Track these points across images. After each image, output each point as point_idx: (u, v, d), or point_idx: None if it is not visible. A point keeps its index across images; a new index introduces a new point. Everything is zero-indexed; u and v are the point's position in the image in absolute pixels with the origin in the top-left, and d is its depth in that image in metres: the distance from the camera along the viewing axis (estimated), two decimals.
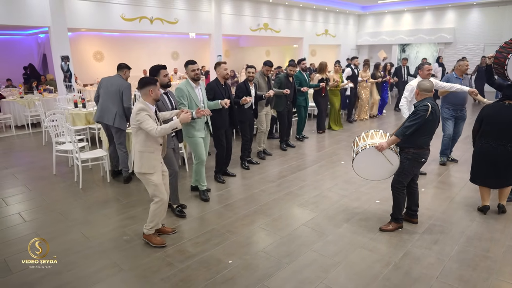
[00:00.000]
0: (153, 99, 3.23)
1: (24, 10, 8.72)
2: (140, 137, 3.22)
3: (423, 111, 3.37)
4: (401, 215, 3.71)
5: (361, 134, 3.84)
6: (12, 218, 4.10)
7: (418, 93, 3.57)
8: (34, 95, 9.24)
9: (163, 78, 3.71)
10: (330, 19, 17.48)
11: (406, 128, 3.42)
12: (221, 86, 4.70)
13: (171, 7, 11.52)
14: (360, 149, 3.66)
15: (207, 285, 2.87)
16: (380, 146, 3.50)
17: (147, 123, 3.07)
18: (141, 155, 3.23)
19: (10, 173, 5.60)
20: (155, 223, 3.41)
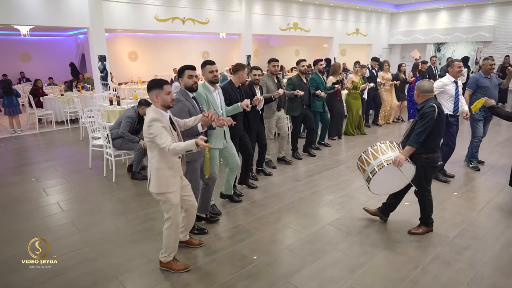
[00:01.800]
0: (162, 106, 2.75)
1: (66, 12, 9.23)
2: (155, 152, 2.76)
3: (431, 113, 3.21)
4: (430, 219, 3.59)
5: (367, 150, 3.48)
6: (51, 208, 4.37)
7: (418, 95, 3.39)
8: (73, 93, 9.75)
9: (186, 79, 3.24)
10: (361, 18, 17.17)
11: (419, 135, 3.23)
12: (235, 90, 4.30)
13: (202, 8, 11.76)
14: (376, 169, 3.34)
15: (232, 279, 2.93)
16: (398, 161, 3.24)
17: (160, 137, 2.61)
18: (158, 172, 2.78)
19: (50, 166, 5.95)
20: (171, 249, 2.99)
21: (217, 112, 3.61)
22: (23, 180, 5.29)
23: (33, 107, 8.68)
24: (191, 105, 3.24)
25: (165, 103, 2.74)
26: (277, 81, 5.35)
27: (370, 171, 3.39)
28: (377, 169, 3.32)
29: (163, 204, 2.88)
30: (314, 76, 6.51)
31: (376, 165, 3.34)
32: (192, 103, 3.28)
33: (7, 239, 3.61)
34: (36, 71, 13.88)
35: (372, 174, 3.36)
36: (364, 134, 7.84)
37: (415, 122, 3.33)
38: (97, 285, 2.88)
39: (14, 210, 4.26)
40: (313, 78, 6.46)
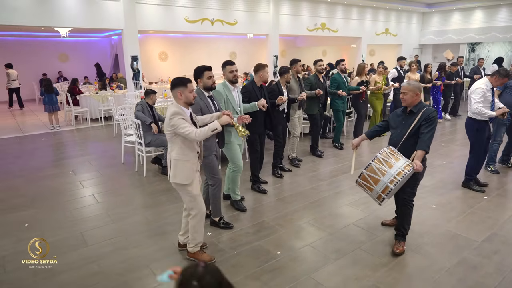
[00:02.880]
0: (185, 103, 2.88)
1: (102, 15, 9.68)
2: (175, 144, 2.90)
3: (436, 116, 3.14)
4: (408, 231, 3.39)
5: (369, 165, 3.05)
6: (87, 199, 4.64)
7: (413, 95, 3.18)
8: (107, 91, 10.19)
9: (206, 80, 3.38)
10: (391, 18, 16.81)
11: (430, 139, 3.08)
12: (257, 89, 4.40)
13: (231, 9, 11.95)
14: (390, 186, 2.94)
15: (256, 272, 3.03)
16: (419, 167, 2.99)
17: (183, 127, 2.75)
18: (176, 163, 2.92)
19: (86, 160, 6.30)
20: (198, 239, 3.12)
21: (235, 109, 3.89)
22: (61, 173, 5.64)
23: (70, 105, 9.17)
24: (204, 104, 3.37)
25: (187, 100, 2.87)
26: (299, 81, 5.52)
27: (381, 190, 3.00)
28: (392, 186, 2.93)
29: (185, 196, 3.02)
30: (336, 75, 6.53)
31: (389, 182, 2.95)
32: (207, 102, 3.42)
33: (50, 227, 3.89)
34: (73, 71, 14.59)
35: (386, 193, 2.98)
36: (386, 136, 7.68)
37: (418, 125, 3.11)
38: (130, 272, 3.06)
39: (54, 200, 4.57)
40: (335, 78, 6.50)
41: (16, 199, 4.58)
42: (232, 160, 4.04)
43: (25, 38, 13.81)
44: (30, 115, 10.94)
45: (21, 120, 10.17)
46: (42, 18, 8.99)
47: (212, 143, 3.48)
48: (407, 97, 3.19)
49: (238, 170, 4.08)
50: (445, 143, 7.17)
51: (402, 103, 3.25)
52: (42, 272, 3.08)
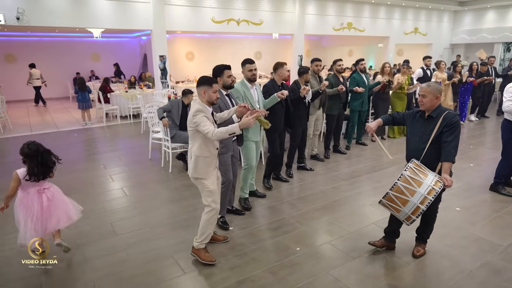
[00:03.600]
0: (207, 101, 2.98)
1: (132, 16, 10.05)
2: (196, 140, 3.00)
3: (459, 121, 2.87)
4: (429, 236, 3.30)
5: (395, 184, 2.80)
6: (116, 192, 4.88)
7: (437, 98, 2.91)
8: (136, 90, 10.57)
9: (226, 79, 3.45)
10: (421, 17, 16.38)
11: (455, 148, 2.83)
12: (278, 87, 4.41)
13: (256, 9, 12.07)
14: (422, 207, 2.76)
15: (275, 266, 3.12)
16: (450, 183, 2.80)
17: (204, 125, 2.85)
18: (197, 159, 3.02)
19: (116, 155, 6.60)
20: (206, 235, 3.16)
21: (254, 106, 3.87)
22: (93, 167, 5.95)
23: (102, 103, 9.59)
24: (222, 103, 3.42)
25: (210, 99, 2.98)
26: (318, 79, 5.54)
27: (411, 212, 2.80)
28: (423, 207, 2.75)
29: (202, 191, 3.10)
30: (355, 75, 6.44)
31: (419, 202, 2.74)
32: (225, 100, 3.47)
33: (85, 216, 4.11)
34: (104, 70, 15.19)
35: (417, 214, 2.79)
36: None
37: (440, 132, 2.86)
38: (155, 261, 3.23)
39: (85, 193, 4.84)
40: (354, 77, 6.41)
41: None
42: (245, 157, 4.12)
43: (61, 39, 14.52)
44: (64, 112, 11.51)
45: (56, 116, 10.72)
46: (77, 20, 9.45)
47: (229, 141, 3.52)
48: (427, 100, 2.93)
49: (249, 169, 4.12)
50: (474, 145, 6.97)
51: (420, 107, 3.00)
52: (75, 258, 3.30)
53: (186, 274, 3.04)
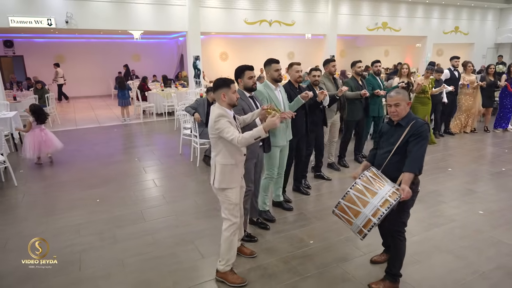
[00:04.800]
0: (228, 104, 2.76)
1: (170, 19, 10.58)
2: (221, 148, 2.77)
3: (427, 131, 2.58)
4: (400, 270, 2.80)
5: (347, 193, 2.56)
6: (148, 183, 5.27)
7: (408, 103, 2.67)
8: (171, 89, 11.09)
9: (247, 80, 3.24)
10: (462, 15, 15.70)
11: (420, 158, 2.53)
12: (295, 89, 4.15)
13: (288, 10, 12.21)
14: (374, 220, 2.45)
15: (288, 256, 3.29)
16: (407, 194, 2.46)
17: (227, 131, 2.61)
18: (223, 168, 2.77)
19: (150, 150, 7.04)
20: (231, 255, 2.87)
21: (279, 107, 3.56)
22: (129, 159, 6.41)
23: (140, 100, 10.19)
24: (246, 105, 3.25)
25: (231, 101, 2.77)
26: (334, 81, 5.20)
27: (363, 225, 2.51)
28: (375, 220, 2.45)
29: (222, 203, 2.85)
30: (370, 77, 6.03)
31: (371, 215, 2.46)
32: (248, 102, 3.29)
33: (116, 203, 4.53)
34: (144, 69, 15.99)
35: (368, 228, 2.49)
36: (434, 144, 7.05)
37: (406, 141, 2.59)
38: (178, 245, 3.51)
39: (121, 182, 5.26)
40: (369, 80, 5.98)
41: (92, 179, 5.36)
42: (267, 164, 3.85)
43: (105, 40, 15.49)
44: (106, 109, 12.32)
45: (98, 113, 11.51)
46: (119, 23, 10.12)
47: (256, 147, 3.29)
48: (401, 108, 2.63)
49: (271, 178, 3.89)
50: (509, 149, 6.70)
51: (393, 118, 2.69)
52: (108, 239, 3.66)
53: (204, 258, 3.29)
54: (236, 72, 3.33)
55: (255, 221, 3.85)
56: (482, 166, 5.85)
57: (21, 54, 14.79)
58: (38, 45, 14.66)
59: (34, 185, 5.19)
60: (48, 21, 9.16)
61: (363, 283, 2.91)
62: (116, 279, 3.01)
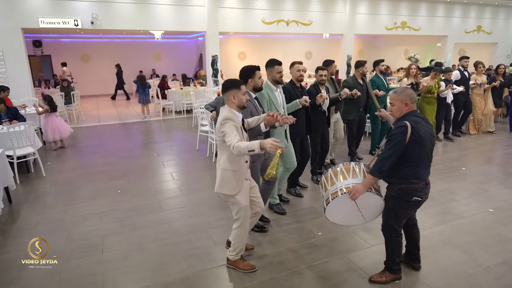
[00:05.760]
0: (237, 106, 2.75)
1: (189, 19, 10.88)
2: (224, 151, 2.76)
3: (399, 134, 2.48)
4: (396, 265, 2.87)
5: (328, 171, 2.87)
6: (166, 176, 5.52)
7: (407, 104, 2.57)
8: (190, 87, 11.39)
9: (257, 80, 3.27)
10: (485, 14, 15.34)
11: (382, 162, 2.51)
12: (296, 89, 4.20)
13: (306, 10, 12.30)
14: (330, 197, 2.72)
15: (296, 246, 3.44)
16: (355, 193, 2.58)
17: (229, 135, 2.59)
18: (223, 173, 2.77)
19: (168, 145, 7.32)
20: (239, 249, 3.03)
21: (279, 110, 3.70)
22: (148, 154, 6.70)
23: (159, 98, 10.53)
24: (253, 106, 3.23)
25: (241, 103, 2.75)
26: (332, 82, 5.26)
27: (326, 199, 2.80)
28: (331, 198, 2.71)
29: (232, 205, 2.88)
30: (375, 77, 6.08)
31: (331, 193, 2.73)
32: (254, 103, 3.29)
33: (136, 193, 4.80)
34: (164, 68, 16.42)
35: (327, 203, 2.76)
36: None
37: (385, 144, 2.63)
38: (192, 233, 3.73)
39: (140, 175, 5.53)
40: (373, 80, 6.04)
41: (113, 172, 5.66)
42: None
43: (127, 40, 16.00)
44: (127, 106, 12.76)
45: (120, 110, 11.94)
46: (141, 23, 10.49)
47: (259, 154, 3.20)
48: (395, 108, 2.61)
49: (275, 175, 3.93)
50: None
51: (393, 118, 2.72)
52: (128, 226, 3.91)
53: (216, 246, 3.48)
54: (245, 72, 3.29)
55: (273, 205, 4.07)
56: (497, 166, 5.82)
57: (49, 54, 15.48)
58: (64, 44, 15.31)
59: (61, 176, 5.54)
60: (75, 22, 9.62)
61: (367, 273, 3.03)
62: (135, 261, 3.25)
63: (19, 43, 9.23)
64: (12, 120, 5.91)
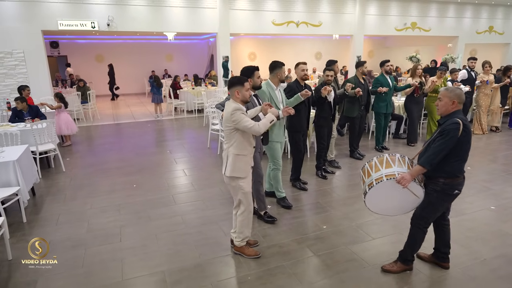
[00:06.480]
0: (241, 101, 3.04)
1: (201, 21, 11.15)
2: (235, 139, 3.04)
3: (453, 130, 2.62)
4: (412, 256, 3.05)
5: (372, 159, 2.99)
6: (178, 172, 5.77)
7: (454, 103, 2.70)
8: (201, 87, 11.66)
9: (256, 79, 3.56)
10: (497, 14, 15.25)
11: (434, 155, 2.66)
12: (301, 87, 4.48)
13: (316, 11, 12.46)
14: (374, 182, 2.84)
15: (301, 238, 3.64)
16: (403, 181, 2.70)
17: (245, 120, 2.91)
18: (236, 158, 3.04)
19: (180, 143, 7.59)
20: (244, 234, 3.28)
21: (278, 106, 3.99)
22: (161, 151, 6.97)
23: (172, 98, 10.82)
24: (250, 103, 3.49)
25: (244, 98, 3.05)
26: (335, 81, 5.52)
27: (368, 184, 2.90)
28: (375, 183, 2.83)
29: (235, 191, 3.14)
30: (379, 77, 6.31)
31: (375, 179, 2.85)
32: (252, 100, 3.57)
33: (151, 188, 5.06)
34: (176, 69, 16.76)
35: (370, 187, 2.87)
36: None
37: (433, 138, 2.76)
38: (204, 225, 3.95)
39: (154, 171, 5.80)
40: (378, 79, 6.28)
41: (129, 167, 5.94)
42: (272, 158, 4.22)
43: (141, 41, 16.39)
44: (140, 106, 13.10)
45: (134, 109, 12.29)
46: (155, 25, 10.81)
47: (258, 140, 3.63)
48: (441, 104, 2.76)
49: (278, 168, 4.26)
50: None
51: (437, 112, 2.87)
52: (144, 217, 4.16)
53: (226, 236, 3.70)
54: (245, 72, 3.58)
55: (262, 215, 4.00)
56: (503, 165, 5.90)
57: (65, 54, 15.96)
58: (80, 45, 15.77)
59: (80, 171, 5.84)
60: (91, 24, 9.98)
61: (368, 263, 3.21)
62: (151, 249, 3.49)
63: (39, 44, 9.63)
64: (34, 118, 6.25)
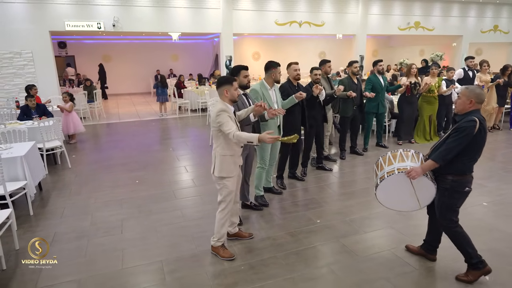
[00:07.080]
0: (230, 100, 3.09)
1: (205, 21, 11.33)
2: (221, 140, 3.10)
3: (470, 128, 2.63)
4: (474, 258, 2.91)
5: (386, 154, 3.04)
6: (180, 169, 5.94)
7: (471, 102, 2.70)
8: (205, 86, 11.83)
9: (242, 78, 3.58)
10: (502, 13, 15.18)
11: (447, 150, 2.68)
12: (293, 87, 4.57)
13: (319, 11, 12.56)
14: (386, 175, 2.91)
15: (295, 231, 3.77)
16: (413, 173, 2.75)
17: (226, 124, 2.94)
18: (223, 159, 3.11)
19: (183, 141, 7.76)
20: (222, 234, 3.29)
21: (272, 106, 4.00)
22: (164, 149, 7.15)
23: (176, 97, 11.00)
24: (240, 102, 3.54)
25: (232, 97, 3.09)
26: (328, 80, 5.69)
27: (380, 176, 2.96)
28: (386, 176, 2.89)
29: (220, 190, 3.21)
30: (371, 77, 6.30)
31: (387, 172, 2.92)
32: (242, 100, 3.62)
33: (154, 184, 5.23)
34: (181, 68, 16.97)
35: (381, 180, 2.93)
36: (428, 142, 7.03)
37: (448, 135, 2.79)
38: (202, 219, 4.11)
39: (157, 167, 5.97)
40: (370, 79, 6.28)
41: (133, 164, 6.12)
42: (261, 157, 4.30)
43: (146, 41, 16.63)
44: (145, 105, 13.33)
45: (139, 108, 12.51)
46: (160, 25, 11.01)
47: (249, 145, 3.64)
48: (459, 102, 2.79)
49: (263, 168, 4.33)
50: None
51: (455, 109, 2.94)
52: (145, 211, 4.33)
53: None
54: (231, 71, 3.70)
55: (249, 205, 4.26)
56: (499, 164, 5.96)
57: (73, 54, 16.26)
58: (87, 45, 16.06)
59: (85, 168, 6.03)
60: (98, 25, 10.21)
61: (358, 255, 3.33)
62: (151, 240, 3.66)
63: (47, 45, 9.88)
64: (41, 116, 6.47)
